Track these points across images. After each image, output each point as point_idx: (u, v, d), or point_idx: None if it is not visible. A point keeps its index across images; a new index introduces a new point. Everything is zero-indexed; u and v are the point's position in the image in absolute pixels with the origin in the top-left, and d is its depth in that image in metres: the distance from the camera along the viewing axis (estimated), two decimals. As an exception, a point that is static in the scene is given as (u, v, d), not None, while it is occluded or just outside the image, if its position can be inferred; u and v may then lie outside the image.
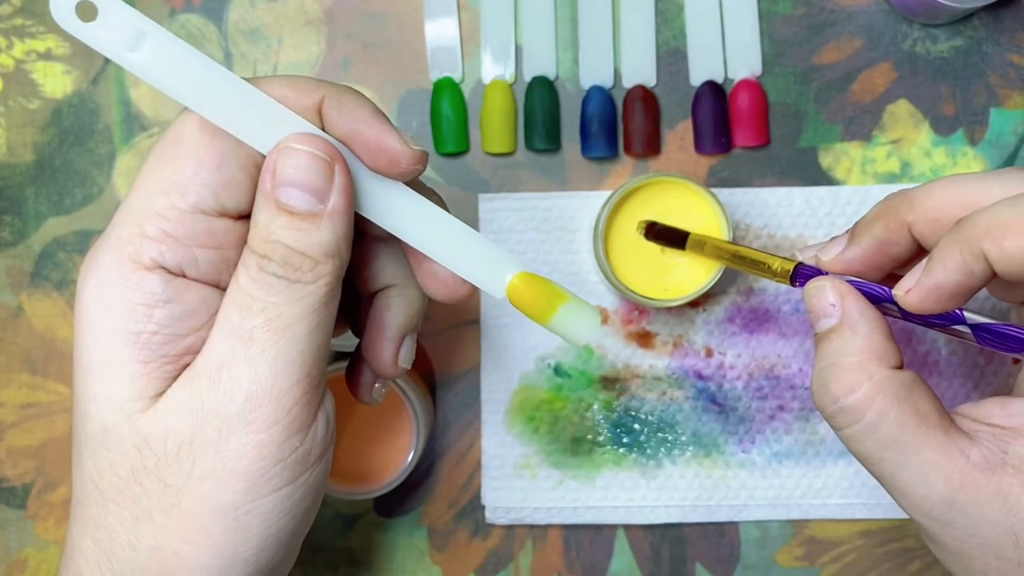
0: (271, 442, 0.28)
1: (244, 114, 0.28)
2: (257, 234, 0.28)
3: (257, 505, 0.28)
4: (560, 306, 0.31)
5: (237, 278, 0.28)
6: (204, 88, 0.28)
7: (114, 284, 0.28)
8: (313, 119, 0.29)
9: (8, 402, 0.52)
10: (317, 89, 0.29)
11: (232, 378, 0.27)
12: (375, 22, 0.52)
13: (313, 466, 0.29)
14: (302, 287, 0.28)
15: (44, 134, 0.52)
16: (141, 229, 0.28)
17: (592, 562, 0.52)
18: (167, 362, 0.28)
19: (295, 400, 0.28)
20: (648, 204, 0.47)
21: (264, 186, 0.28)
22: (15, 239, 0.52)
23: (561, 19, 0.52)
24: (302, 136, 0.28)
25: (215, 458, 0.27)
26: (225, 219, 0.29)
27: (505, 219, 0.51)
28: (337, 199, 0.28)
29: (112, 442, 0.28)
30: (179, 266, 0.28)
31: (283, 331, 0.28)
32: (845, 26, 0.52)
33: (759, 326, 0.51)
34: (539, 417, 0.51)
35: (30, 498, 0.52)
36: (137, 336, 0.28)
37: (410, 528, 0.52)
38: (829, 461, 0.51)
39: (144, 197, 0.28)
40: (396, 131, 0.29)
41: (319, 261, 0.28)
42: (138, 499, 0.28)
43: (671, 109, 0.52)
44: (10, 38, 0.52)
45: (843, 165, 0.52)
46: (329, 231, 0.28)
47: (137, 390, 0.28)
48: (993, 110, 0.52)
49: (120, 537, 0.28)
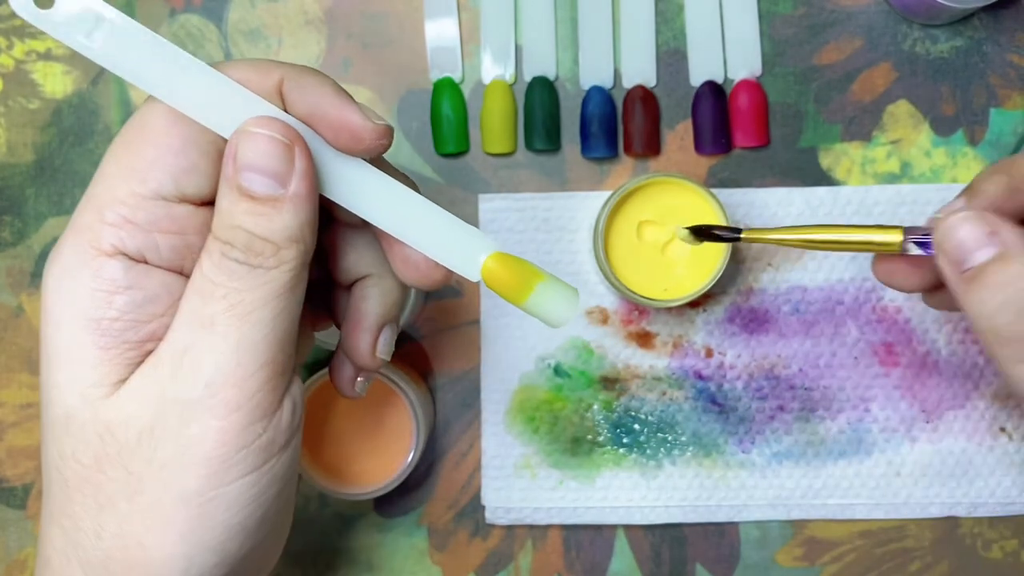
0: (233, 428, 0.27)
1: (205, 98, 0.27)
2: (220, 220, 0.28)
3: (221, 492, 0.28)
4: (537, 284, 0.30)
5: (200, 264, 0.28)
6: (164, 73, 0.27)
7: (75, 271, 0.28)
8: (275, 100, 0.28)
9: (8, 402, 0.52)
10: (277, 70, 0.29)
11: (193, 363, 0.27)
12: (375, 22, 0.52)
13: (278, 454, 0.29)
14: (264, 272, 0.28)
15: (44, 134, 0.52)
16: (101, 215, 0.28)
17: (592, 562, 0.52)
18: (129, 348, 0.28)
19: (258, 386, 0.28)
20: (648, 204, 0.47)
21: (226, 171, 0.28)
22: (15, 239, 0.52)
23: (561, 19, 0.52)
24: (261, 119, 0.28)
25: (176, 444, 0.27)
26: (187, 205, 0.28)
27: (505, 219, 0.51)
28: (298, 183, 0.28)
29: (74, 429, 0.28)
30: (140, 252, 0.28)
31: (245, 316, 0.27)
32: (845, 26, 0.52)
33: (759, 326, 0.51)
34: (539, 417, 0.51)
35: (30, 498, 0.52)
36: (98, 323, 0.27)
37: (410, 528, 0.52)
38: (829, 461, 0.51)
39: (105, 184, 0.28)
40: (358, 107, 0.28)
41: (281, 247, 0.28)
42: (101, 487, 0.28)
43: (671, 109, 0.52)
44: (10, 38, 0.52)
45: (843, 165, 0.52)
46: (291, 216, 0.28)
47: (99, 376, 0.28)
48: (993, 110, 0.52)
49: (85, 525, 0.28)
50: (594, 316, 0.51)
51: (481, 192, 0.52)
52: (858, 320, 0.51)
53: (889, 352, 0.51)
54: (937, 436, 0.51)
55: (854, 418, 0.51)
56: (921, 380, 0.51)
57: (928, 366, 0.51)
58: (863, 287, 0.51)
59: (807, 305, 0.51)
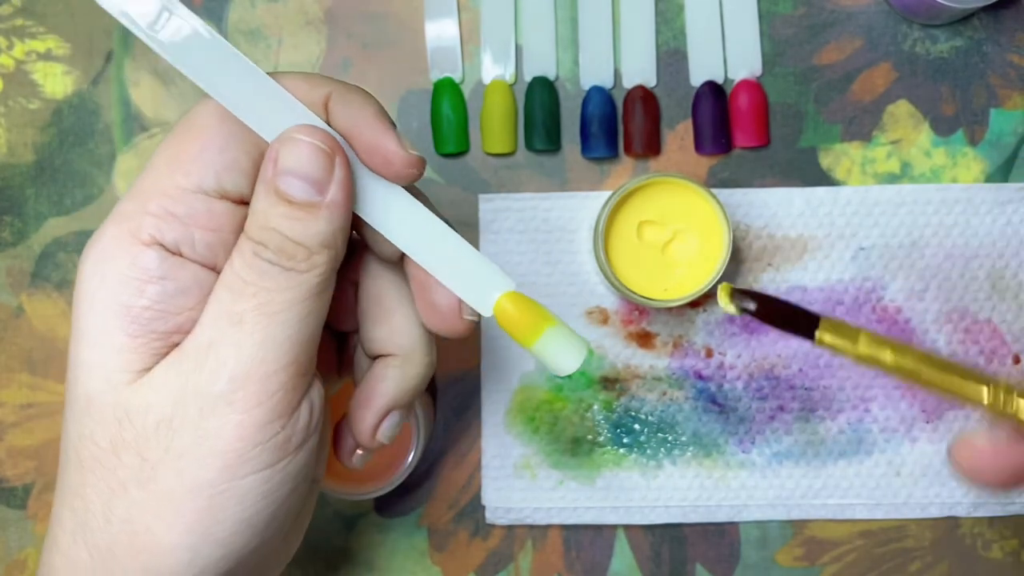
0: (252, 423, 0.28)
1: (254, 100, 0.28)
2: (255, 220, 0.28)
3: (233, 486, 0.28)
4: (546, 329, 0.30)
5: (231, 261, 0.28)
6: (219, 71, 0.28)
7: (112, 256, 0.28)
8: (319, 113, 0.29)
9: (8, 402, 0.52)
10: (326, 85, 0.29)
11: (218, 358, 0.28)
12: (375, 22, 0.52)
13: (294, 452, 0.29)
14: (296, 275, 0.28)
15: (44, 134, 0.52)
16: (144, 205, 0.28)
17: (592, 562, 0.52)
18: (156, 338, 0.28)
19: (280, 384, 0.28)
20: (648, 204, 0.47)
21: (265, 173, 0.28)
22: (15, 239, 0.52)
23: (561, 19, 0.52)
24: (305, 127, 0.28)
25: (194, 436, 0.27)
26: (226, 202, 0.29)
27: (505, 219, 0.51)
28: (336, 191, 0.28)
29: (94, 410, 0.28)
30: (176, 244, 0.28)
31: (273, 316, 0.28)
32: (845, 26, 0.52)
33: (759, 326, 0.51)
34: (539, 417, 0.51)
35: (30, 498, 0.52)
36: (128, 309, 0.28)
37: (410, 528, 0.52)
38: (829, 461, 0.51)
39: (151, 174, 0.29)
40: (395, 133, 0.29)
41: (314, 251, 0.28)
42: (115, 471, 0.28)
43: (671, 109, 0.52)
44: (10, 38, 0.52)
45: (843, 165, 0.52)
46: (326, 222, 0.28)
47: (124, 362, 0.28)
48: (993, 110, 0.52)
49: (95, 508, 0.28)
50: (594, 316, 0.51)
51: (481, 192, 0.52)
52: (858, 320, 0.51)
53: (889, 352, 0.51)
54: (937, 436, 0.51)
55: (854, 418, 0.51)
56: (921, 380, 0.51)
57: (928, 366, 0.51)
58: (863, 287, 0.51)
59: (807, 305, 0.51)
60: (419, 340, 0.33)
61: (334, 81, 0.30)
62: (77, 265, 0.51)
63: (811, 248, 0.51)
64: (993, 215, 0.51)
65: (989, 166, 0.52)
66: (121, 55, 0.52)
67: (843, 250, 0.51)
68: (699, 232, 0.47)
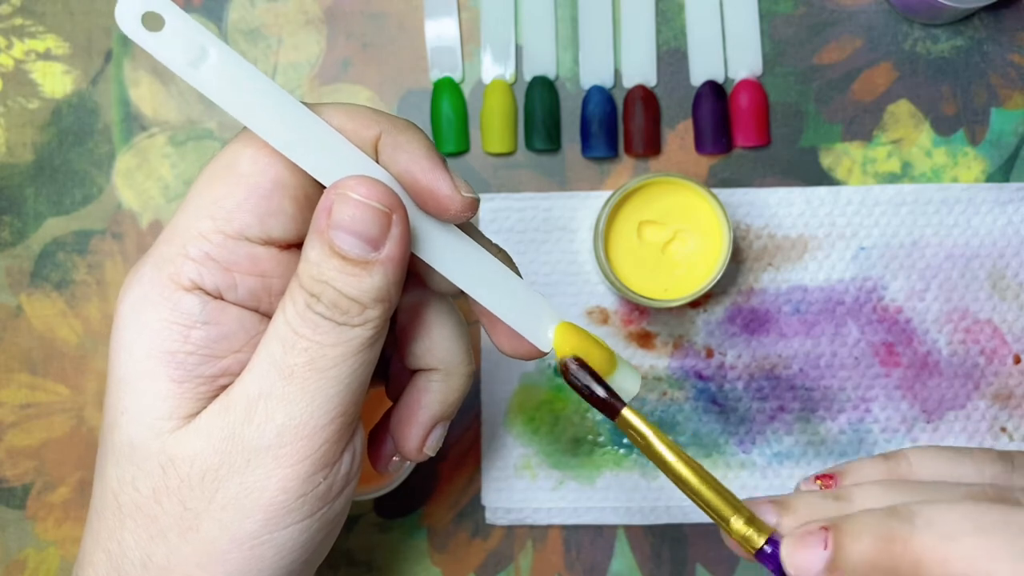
0: (297, 477, 0.28)
1: (304, 141, 0.28)
2: (307, 270, 0.28)
3: (274, 536, 0.28)
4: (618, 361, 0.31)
5: (284, 309, 0.28)
6: (264, 110, 0.27)
7: (152, 302, 0.28)
8: (370, 152, 0.29)
9: (8, 402, 0.52)
10: (376, 124, 0.29)
11: (267, 411, 0.27)
12: (375, 22, 0.52)
13: (332, 501, 0.29)
14: (348, 330, 0.28)
15: (44, 134, 0.52)
16: (184, 249, 0.28)
17: (592, 562, 0.52)
18: (201, 383, 0.28)
19: (326, 438, 0.28)
20: (648, 204, 0.47)
21: (319, 223, 0.27)
22: (15, 239, 0.52)
23: (561, 19, 0.52)
24: (362, 182, 0.27)
25: (239, 487, 0.27)
26: (270, 247, 0.28)
27: (505, 219, 0.51)
28: (392, 247, 0.28)
29: (138, 458, 0.28)
30: (217, 289, 0.28)
31: (324, 372, 0.28)
32: (845, 26, 0.52)
33: (759, 326, 0.51)
34: (539, 417, 0.51)
35: (30, 498, 0.52)
36: (172, 355, 0.28)
37: (410, 529, 0.52)
38: (830, 461, 0.51)
39: (191, 217, 0.28)
40: (448, 174, 0.29)
41: (368, 306, 0.28)
42: (156, 518, 0.28)
43: (671, 109, 0.52)
44: (10, 38, 0.52)
45: (844, 165, 0.52)
46: (381, 278, 0.28)
47: (169, 409, 0.28)
48: (994, 110, 0.52)
49: (132, 554, 0.28)
50: (594, 316, 0.51)
51: (481, 192, 0.52)
52: (859, 320, 0.51)
53: (890, 352, 0.51)
54: (938, 436, 0.51)
55: (855, 418, 0.51)
56: (922, 380, 0.51)
57: (929, 366, 0.51)
58: (864, 287, 0.51)
59: (808, 305, 0.51)
60: (459, 353, 0.32)
61: (382, 117, 0.29)
62: (77, 265, 0.51)
63: (811, 248, 0.51)
64: (994, 215, 0.51)
65: (990, 166, 0.52)
66: (120, 54, 0.52)
67: (843, 250, 0.51)
68: (699, 232, 0.47)
